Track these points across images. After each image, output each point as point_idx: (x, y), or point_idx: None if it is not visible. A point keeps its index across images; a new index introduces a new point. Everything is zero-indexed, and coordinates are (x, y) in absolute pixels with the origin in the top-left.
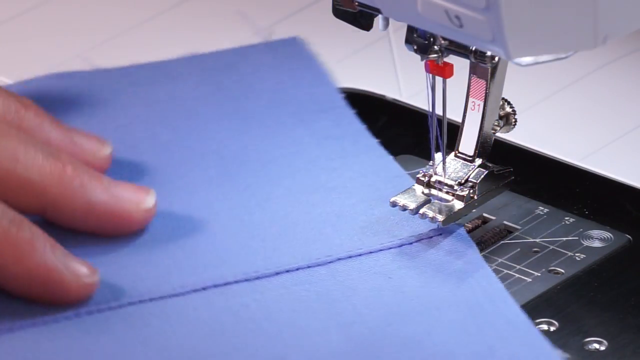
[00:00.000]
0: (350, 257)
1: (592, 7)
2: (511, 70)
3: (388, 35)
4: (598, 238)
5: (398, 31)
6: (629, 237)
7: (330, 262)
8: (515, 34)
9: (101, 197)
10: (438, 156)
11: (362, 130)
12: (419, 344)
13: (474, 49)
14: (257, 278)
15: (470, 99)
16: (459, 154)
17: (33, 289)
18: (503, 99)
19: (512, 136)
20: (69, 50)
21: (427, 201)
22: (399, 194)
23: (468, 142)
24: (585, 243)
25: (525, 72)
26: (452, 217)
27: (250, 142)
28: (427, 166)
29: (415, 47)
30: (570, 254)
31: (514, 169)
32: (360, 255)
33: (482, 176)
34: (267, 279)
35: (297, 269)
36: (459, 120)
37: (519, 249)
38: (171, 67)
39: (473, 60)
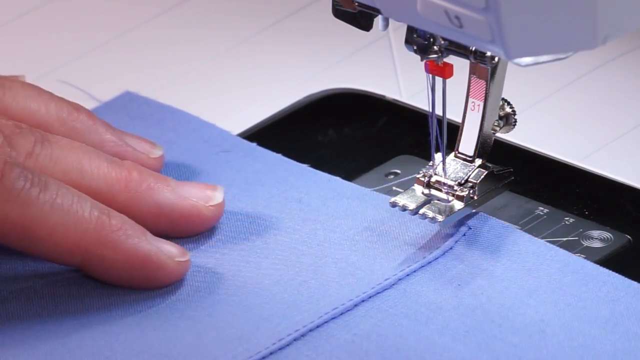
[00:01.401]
0: (407, 275)
1: (592, 7)
2: (511, 70)
3: (388, 35)
4: (598, 238)
5: (398, 31)
6: (629, 237)
7: (394, 284)
8: (515, 35)
9: (169, 198)
10: (438, 156)
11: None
12: (545, 328)
13: (473, 49)
14: (342, 313)
15: (470, 99)
16: (459, 154)
17: (132, 273)
18: (503, 99)
19: (512, 136)
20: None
21: (427, 201)
22: (399, 194)
23: (468, 143)
24: (585, 243)
25: (525, 72)
26: (452, 218)
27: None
28: (427, 166)
29: (415, 48)
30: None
31: (514, 169)
32: (415, 270)
33: (482, 176)
34: (349, 313)
35: (370, 297)
36: (459, 120)
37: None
38: None
39: (473, 60)
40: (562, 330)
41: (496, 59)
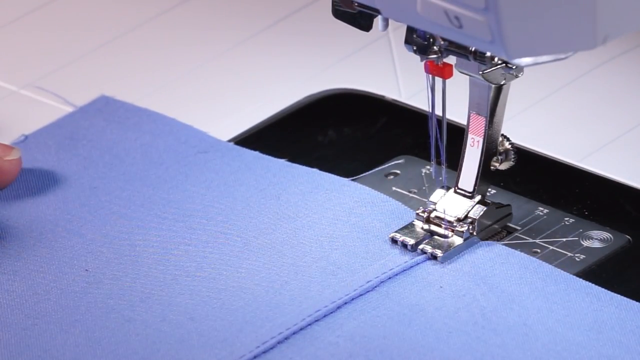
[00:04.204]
0: (390, 277)
1: (592, 7)
2: None
3: (388, 36)
4: (598, 239)
5: (398, 31)
6: (629, 237)
7: (376, 286)
8: (514, 35)
9: None
10: (438, 193)
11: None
12: (528, 332)
13: (473, 49)
14: (325, 315)
15: (470, 135)
16: (458, 190)
17: None
18: (502, 135)
19: (512, 136)
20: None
21: (426, 237)
22: (398, 229)
23: (467, 178)
24: (585, 244)
25: (525, 72)
26: (451, 253)
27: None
28: (428, 202)
29: (414, 48)
30: (570, 254)
31: (514, 168)
32: (397, 274)
33: (482, 212)
34: (332, 315)
35: (352, 299)
36: (459, 120)
37: (518, 250)
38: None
39: (472, 60)
40: (546, 335)
41: (502, 81)
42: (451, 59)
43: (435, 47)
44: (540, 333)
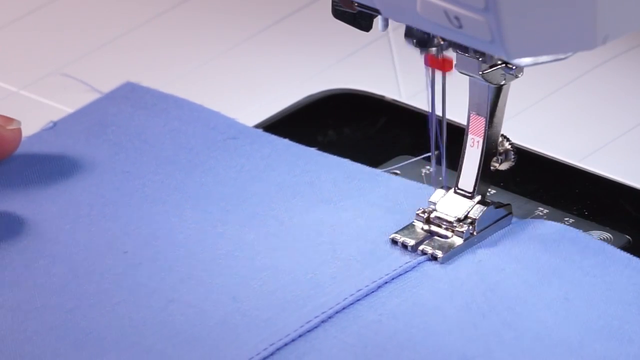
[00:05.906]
0: (418, 263)
1: (592, 7)
2: None
3: (387, 36)
4: (598, 238)
5: (397, 31)
6: (629, 237)
7: (414, 267)
8: (514, 35)
9: None
10: (439, 192)
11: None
12: (570, 306)
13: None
14: (366, 295)
15: (470, 136)
16: (458, 190)
17: None
18: (502, 135)
19: (512, 136)
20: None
21: (426, 237)
22: (398, 230)
23: (467, 178)
24: None
25: (525, 72)
26: (452, 254)
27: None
28: (428, 202)
29: (414, 41)
30: None
31: (514, 169)
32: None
33: (482, 212)
34: (374, 294)
35: (392, 279)
36: (458, 120)
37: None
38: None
39: (472, 54)
40: (588, 310)
41: (503, 81)
42: (451, 52)
43: (435, 41)
44: (581, 308)
